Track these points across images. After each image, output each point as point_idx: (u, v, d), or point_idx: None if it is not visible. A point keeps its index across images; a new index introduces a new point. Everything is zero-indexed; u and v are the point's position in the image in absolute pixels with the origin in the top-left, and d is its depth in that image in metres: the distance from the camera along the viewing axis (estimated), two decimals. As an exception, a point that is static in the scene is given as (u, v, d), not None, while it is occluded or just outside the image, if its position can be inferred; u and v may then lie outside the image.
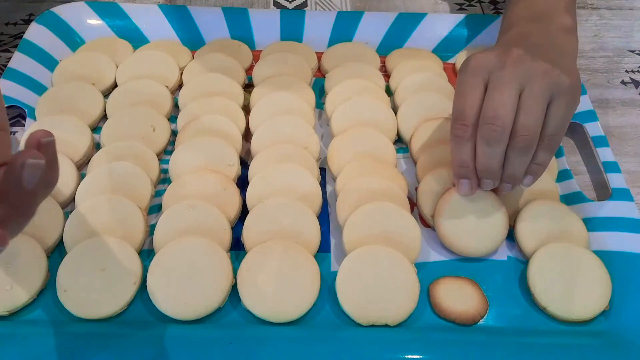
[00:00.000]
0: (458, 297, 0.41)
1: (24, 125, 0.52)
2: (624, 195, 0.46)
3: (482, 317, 0.40)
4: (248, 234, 0.43)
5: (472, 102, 0.39)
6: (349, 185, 0.45)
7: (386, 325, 0.39)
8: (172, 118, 0.53)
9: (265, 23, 0.60)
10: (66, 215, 0.43)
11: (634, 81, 0.61)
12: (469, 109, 0.39)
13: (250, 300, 0.39)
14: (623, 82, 0.61)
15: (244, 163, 0.50)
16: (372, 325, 0.39)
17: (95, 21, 0.59)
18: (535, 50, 0.40)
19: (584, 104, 0.53)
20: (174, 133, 0.51)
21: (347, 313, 0.39)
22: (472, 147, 0.39)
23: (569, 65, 0.41)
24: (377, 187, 0.45)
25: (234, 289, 0.40)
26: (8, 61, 0.54)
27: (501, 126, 0.37)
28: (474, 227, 0.44)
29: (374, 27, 0.61)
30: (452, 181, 0.43)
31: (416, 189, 0.47)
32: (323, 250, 0.44)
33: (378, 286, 0.40)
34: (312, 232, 0.43)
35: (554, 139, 0.39)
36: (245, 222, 0.43)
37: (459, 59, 0.59)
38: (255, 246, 0.41)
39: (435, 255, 0.44)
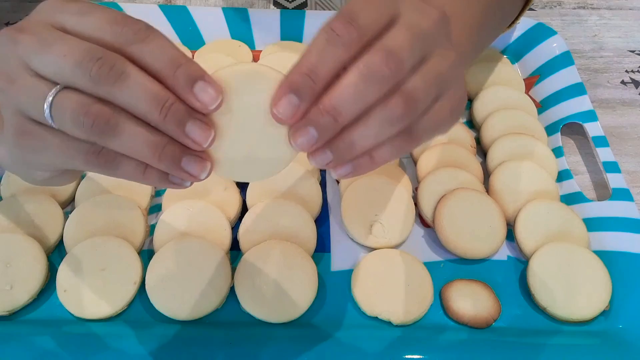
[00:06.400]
0: (471, 300, 0.41)
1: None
2: (624, 195, 0.46)
3: (494, 320, 0.40)
4: (244, 235, 0.43)
5: (374, 15, 0.26)
6: (354, 185, 0.46)
7: (389, 322, 0.39)
8: (172, 118, 0.53)
9: (265, 23, 0.60)
10: (66, 215, 0.43)
11: (634, 81, 0.61)
12: (368, 17, 0.25)
13: (249, 302, 0.39)
14: (623, 82, 0.61)
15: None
16: (376, 318, 0.40)
17: (95, 21, 0.59)
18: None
19: (584, 104, 0.53)
20: (174, 133, 0.51)
21: (356, 300, 0.40)
22: (340, 60, 0.25)
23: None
24: (381, 187, 0.45)
25: (233, 288, 0.40)
26: (8, 61, 0.54)
27: (397, 68, 0.25)
28: (474, 228, 0.44)
29: (374, 27, 0.60)
30: (275, 94, 0.25)
31: (416, 189, 0.47)
32: (323, 250, 0.44)
33: (392, 284, 0.40)
34: (308, 233, 0.43)
35: (412, 141, 0.28)
36: (241, 224, 0.43)
37: (459, 59, 0.59)
38: (251, 247, 0.41)
39: (435, 256, 0.44)
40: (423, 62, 0.27)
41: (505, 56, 0.60)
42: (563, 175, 0.49)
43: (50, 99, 0.25)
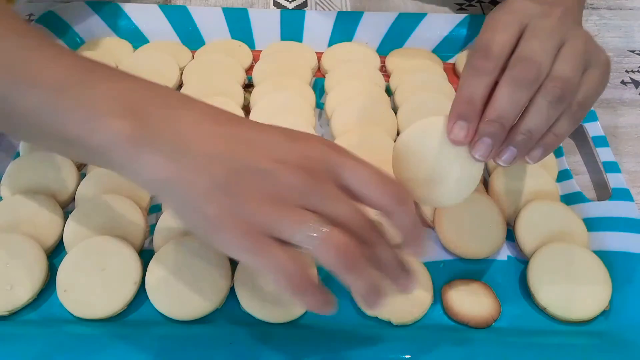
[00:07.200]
0: (471, 300, 0.41)
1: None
2: (624, 195, 0.46)
3: (494, 320, 0.40)
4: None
5: (503, 39, 0.34)
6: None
7: (389, 322, 0.39)
8: (172, 118, 0.53)
9: (265, 23, 0.60)
10: (66, 215, 0.43)
11: (634, 81, 0.61)
12: (498, 45, 0.34)
13: (249, 302, 0.39)
14: (623, 82, 0.61)
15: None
16: (376, 318, 0.40)
17: (95, 21, 0.59)
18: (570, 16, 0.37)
19: (584, 104, 0.53)
20: (174, 133, 0.51)
21: (356, 300, 0.40)
22: (488, 85, 0.33)
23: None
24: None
25: (233, 288, 0.40)
26: (8, 61, 0.54)
27: (537, 69, 0.33)
28: (474, 228, 0.44)
29: (374, 27, 0.61)
30: (447, 125, 0.34)
31: (416, 189, 0.47)
32: (323, 250, 0.44)
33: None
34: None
35: (581, 109, 0.35)
36: None
37: (459, 59, 0.59)
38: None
39: (435, 256, 0.44)
40: (562, 48, 0.34)
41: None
42: (563, 175, 0.49)
43: (318, 233, 0.28)
